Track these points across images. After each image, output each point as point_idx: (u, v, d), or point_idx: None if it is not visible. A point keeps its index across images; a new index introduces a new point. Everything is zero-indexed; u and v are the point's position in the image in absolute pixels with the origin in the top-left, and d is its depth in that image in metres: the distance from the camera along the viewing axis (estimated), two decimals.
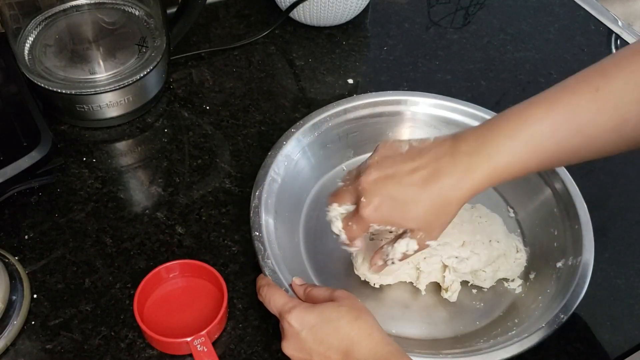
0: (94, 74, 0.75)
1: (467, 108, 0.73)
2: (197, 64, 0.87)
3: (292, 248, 0.66)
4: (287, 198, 0.67)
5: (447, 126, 0.74)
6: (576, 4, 1.01)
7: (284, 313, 0.53)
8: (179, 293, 0.62)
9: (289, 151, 0.69)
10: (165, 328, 0.58)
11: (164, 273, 0.61)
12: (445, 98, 0.74)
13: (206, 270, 0.61)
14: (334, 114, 0.72)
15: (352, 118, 0.73)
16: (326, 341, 0.51)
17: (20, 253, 0.65)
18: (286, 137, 0.69)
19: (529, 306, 0.61)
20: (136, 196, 0.72)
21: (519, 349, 0.55)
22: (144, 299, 0.60)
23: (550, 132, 0.48)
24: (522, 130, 0.48)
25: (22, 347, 0.58)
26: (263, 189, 0.65)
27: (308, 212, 0.70)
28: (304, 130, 0.70)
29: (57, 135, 0.76)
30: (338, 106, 0.73)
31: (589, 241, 0.62)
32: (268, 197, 0.65)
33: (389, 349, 0.50)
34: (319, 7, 0.87)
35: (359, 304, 0.53)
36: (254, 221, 0.62)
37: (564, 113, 0.48)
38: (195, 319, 0.59)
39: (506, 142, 0.48)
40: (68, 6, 0.80)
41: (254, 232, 0.61)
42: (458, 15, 0.98)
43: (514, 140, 0.48)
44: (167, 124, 0.79)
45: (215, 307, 0.59)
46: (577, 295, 0.58)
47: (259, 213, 0.63)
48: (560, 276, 0.62)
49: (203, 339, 0.56)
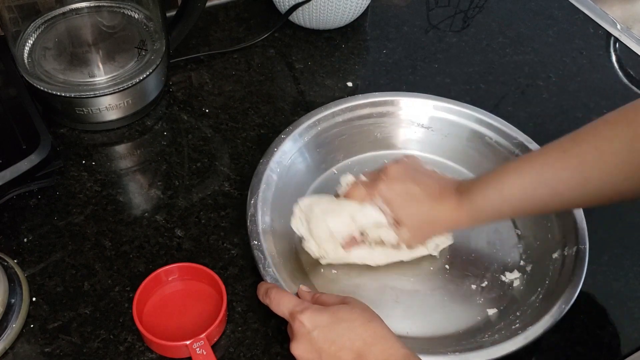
0: (93, 77, 0.75)
1: (456, 107, 0.75)
2: (196, 67, 0.87)
3: (290, 251, 0.66)
4: (281, 204, 0.67)
5: (440, 123, 0.75)
6: (575, 7, 1.01)
7: (296, 313, 0.53)
8: (178, 296, 0.61)
9: (280, 158, 0.69)
10: (164, 331, 0.58)
11: (164, 276, 0.61)
12: (433, 97, 0.76)
13: (205, 273, 0.61)
14: (322, 118, 0.73)
15: (340, 121, 0.74)
16: (338, 342, 0.51)
17: (19, 256, 0.65)
18: (277, 143, 0.70)
19: (528, 298, 0.62)
20: (135, 199, 0.72)
21: (525, 341, 0.55)
22: (143, 302, 0.60)
23: (520, 184, 0.56)
24: (497, 181, 0.58)
25: (20, 350, 0.58)
26: (258, 196, 0.65)
27: None
28: (293, 135, 0.71)
29: (56, 138, 0.76)
30: (326, 110, 0.74)
31: (582, 230, 0.63)
32: (264, 205, 0.65)
33: (403, 352, 0.50)
34: (318, 10, 0.88)
35: (370, 309, 0.54)
36: (251, 230, 0.62)
37: (532, 168, 0.56)
38: (194, 322, 0.59)
39: (483, 190, 0.58)
40: (67, 9, 0.80)
41: (253, 241, 0.62)
42: (457, 18, 0.98)
43: (489, 189, 0.58)
44: (166, 127, 0.79)
45: (215, 311, 0.59)
46: (577, 285, 0.59)
47: (255, 221, 0.63)
48: (558, 266, 0.62)
49: (202, 342, 0.56)
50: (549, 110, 0.84)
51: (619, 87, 0.88)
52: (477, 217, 0.59)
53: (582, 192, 0.54)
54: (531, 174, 0.56)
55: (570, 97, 0.86)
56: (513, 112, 0.83)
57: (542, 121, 0.82)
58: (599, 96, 0.86)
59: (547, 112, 0.83)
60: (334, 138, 0.74)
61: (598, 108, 0.85)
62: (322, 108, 0.74)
